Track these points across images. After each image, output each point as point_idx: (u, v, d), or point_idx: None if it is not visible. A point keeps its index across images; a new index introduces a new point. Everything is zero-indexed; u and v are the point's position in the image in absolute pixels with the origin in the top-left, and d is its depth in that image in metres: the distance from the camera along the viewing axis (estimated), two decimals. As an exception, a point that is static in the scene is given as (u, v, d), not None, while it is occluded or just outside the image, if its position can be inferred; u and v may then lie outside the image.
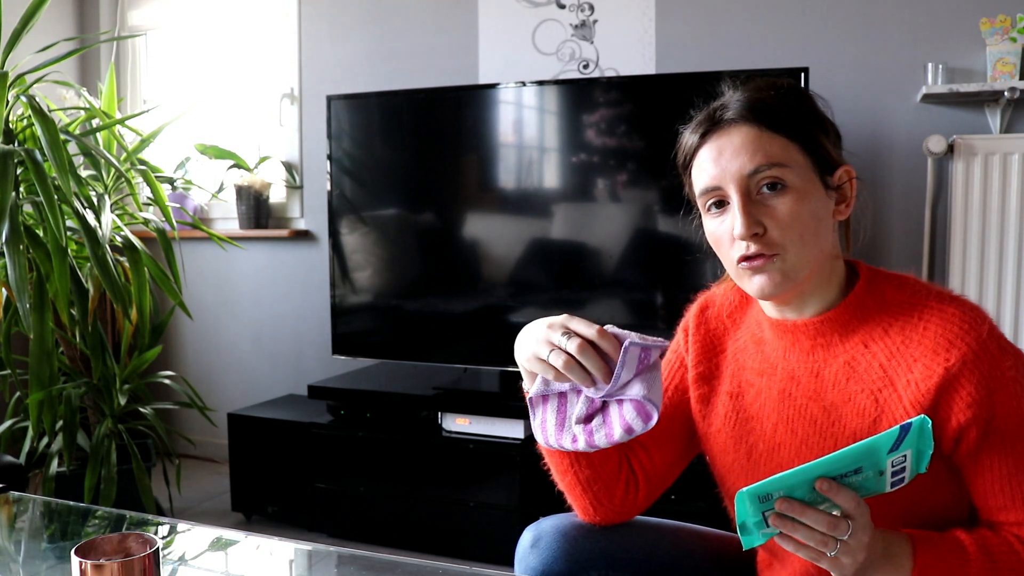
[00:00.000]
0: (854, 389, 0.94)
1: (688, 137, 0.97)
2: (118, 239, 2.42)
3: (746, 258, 0.91)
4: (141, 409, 2.62)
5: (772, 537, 0.82)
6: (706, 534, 1.22)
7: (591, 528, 1.16)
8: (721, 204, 0.93)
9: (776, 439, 1.00)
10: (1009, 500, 0.89)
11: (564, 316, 0.97)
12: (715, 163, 0.92)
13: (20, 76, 2.33)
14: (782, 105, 0.92)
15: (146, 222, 2.66)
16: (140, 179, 2.59)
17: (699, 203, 0.97)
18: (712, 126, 0.93)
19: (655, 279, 2.29)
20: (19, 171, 2.23)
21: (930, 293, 0.93)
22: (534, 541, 1.18)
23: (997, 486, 0.89)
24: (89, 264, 2.31)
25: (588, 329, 0.92)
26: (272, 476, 2.63)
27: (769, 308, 1.00)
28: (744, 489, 0.78)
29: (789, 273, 0.91)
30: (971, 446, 0.89)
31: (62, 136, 2.12)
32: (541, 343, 0.97)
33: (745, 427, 1.03)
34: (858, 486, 0.80)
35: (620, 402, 0.89)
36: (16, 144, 2.28)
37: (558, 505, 1.49)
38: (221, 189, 3.26)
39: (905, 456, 0.80)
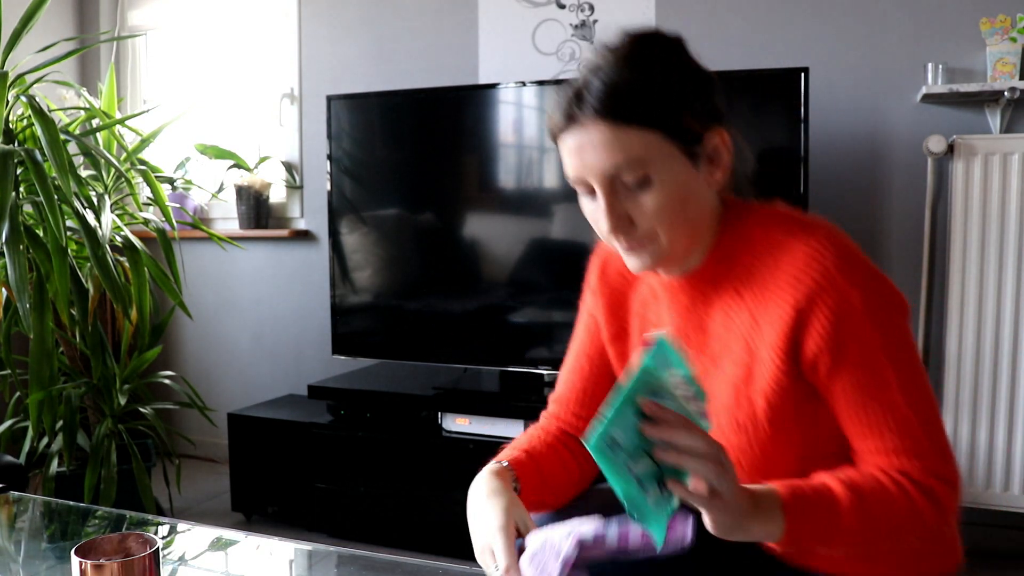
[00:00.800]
0: (731, 339, 0.95)
1: (553, 113, 0.95)
2: (118, 239, 2.42)
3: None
4: (141, 409, 2.62)
5: (671, 506, 0.79)
6: None
7: None
8: (593, 190, 0.93)
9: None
10: (866, 427, 0.89)
11: (492, 536, 0.96)
12: (577, 158, 0.91)
13: (20, 76, 2.33)
14: (639, 90, 0.88)
15: (146, 222, 2.66)
16: (140, 179, 2.59)
17: (570, 181, 0.97)
18: (570, 120, 0.91)
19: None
20: (19, 171, 2.23)
21: (787, 227, 0.93)
22: None
23: (853, 413, 0.89)
24: (89, 264, 2.31)
25: (505, 560, 0.91)
26: (272, 476, 2.63)
27: None
28: (589, 444, 0.73)
29: (663, 254, 0.93)
30: (825, 376, 0.89)
31: (62, 136, 2.12)
32: (480, 554, 0.99)
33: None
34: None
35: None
36: (16, 144, 2.28)
37: (558, 505, 1.48)
38: (221, 189, 3.26)
39: (684, 381, 0.77)
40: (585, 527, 0.86)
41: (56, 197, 2.07)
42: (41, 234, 2.21)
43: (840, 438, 0.93)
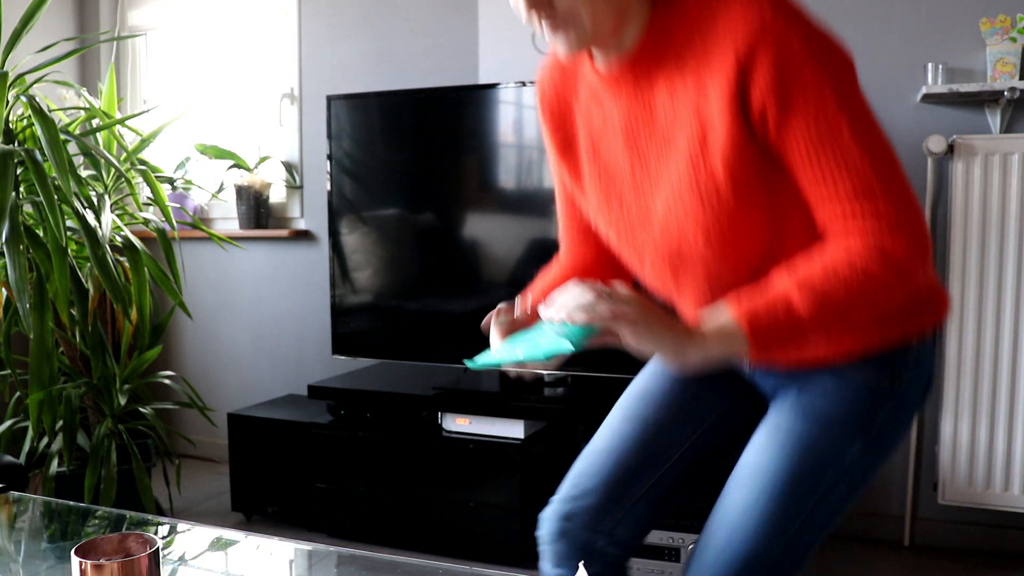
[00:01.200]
0: (681, 112, 0.94)
1: None
2: (118, 239, 2.42)
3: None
4: (141, 409, 2.62)
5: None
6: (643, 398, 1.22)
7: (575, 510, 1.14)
8: None
9: (636, 182, 1.01)
10: (819, 178, 0.87)
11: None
12: None
13: (20, 76, 2.33)
14: None
15: (146, 222, 2.66)
16: (140, 179, 2.59)
17: None
18: None
19: (655, 279, 2.29)
20: (19, 171, 2.23)
21: None
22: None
23: (807, 166, 0.88)
24: (89, 264, 2.31)
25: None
26: (272, 476, 2.63)
27: (596, 60, 1.01)
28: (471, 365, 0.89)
29: (588, 34, 0.92)
30: (775, 129, 0.88)
31: (62, 136, 2.12)
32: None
33: (610, 181, 1.05)
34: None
35: None
36: (16, 144, 2.28)
37: (558, 505, 1.48)
38: (221, 189, 3.26)
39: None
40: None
41: (56, 197, 2.07)
42: (41, 234, 2.21)
43: (806, 216, 0.93)
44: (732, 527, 1.02)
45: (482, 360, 0.93)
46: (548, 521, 1.15)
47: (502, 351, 0.92)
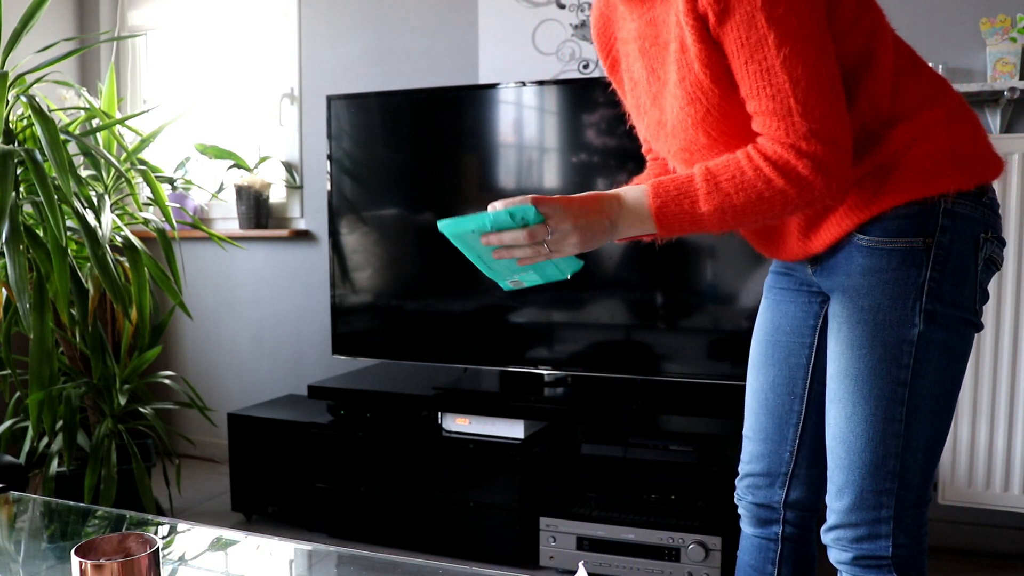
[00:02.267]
0: (668, 20, 1.04)
1: None
2: (118, 239, 2.42)
3: None
4: (141, 409, 2.62)
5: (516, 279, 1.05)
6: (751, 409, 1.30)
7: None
8: None
9: (651, 90, 1.12)
10: (749, 89, 0.95)
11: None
12: None
13: (20, 76, 2.33)
14: None
15: (146, 222, 2.66)
16: (140, 179, 2.59)
17: None
18: None
19: (655, 279, 2.29)
20: (19, 171, 2.23)
21: None
22: None
23: (740, 76, 0.95)
24: (89, 264, 2.31)
25: None
26: (272, 476, 2.63)
27: None
28: (441, 227, 0.97)
29: None
30: (716, 37, 0.96)
31: (62, 136, 2.12)
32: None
33: (634, 89, 1.16)
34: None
35: None
36: (16, 144, 2.28)
37: (558, 505, 1.50)
38: (221, 189, 3.26)
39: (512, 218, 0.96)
40: None
41: (56, 197, 2.07)
42: (41, 234, 2.21)
43: None
44: (846, 442, 1.05)
45: (453, 227, 0.99)
46: (737, 485, 1.30)
47: (480, 221, 0.97)
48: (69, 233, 2.27)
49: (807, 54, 0.91)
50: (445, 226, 0.98)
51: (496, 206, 0.95)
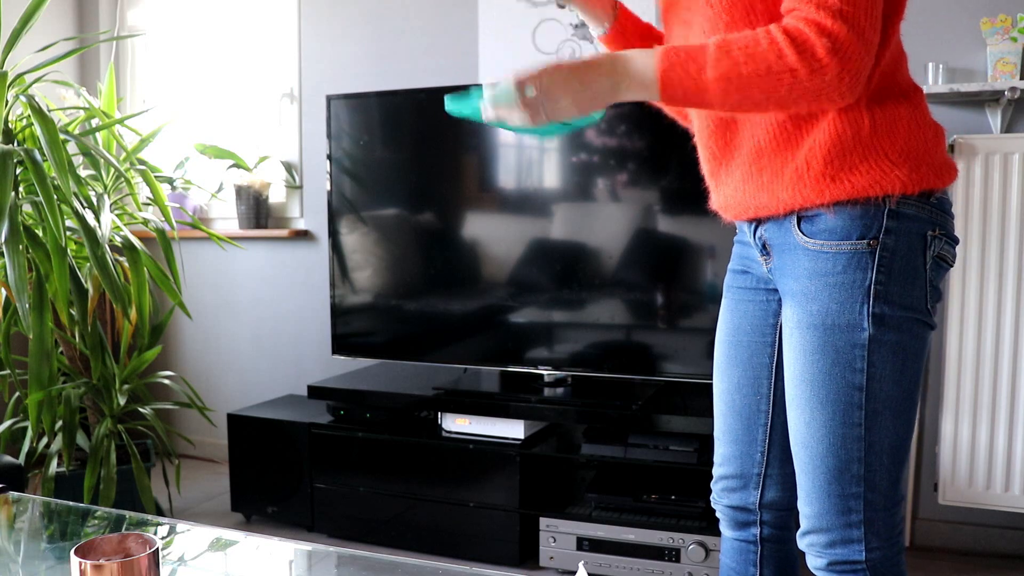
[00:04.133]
0: None
1: None
2: (117, 239, 2.42)
3: None
4: (141, 409, 2.62)
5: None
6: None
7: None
8: None
9: (680, 17, 1.13)
10: None
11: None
12: None
13: (19, 76, 2.32)
14: None
15: (145, 222, 2.66)
16: (139, 179, 2.59)
17: None
18: None
19: (655, 279, 2.29)
20: (19, 171, 2.22)
21: None
22: None
23: None
24: (89, 264, 2.31)
25: None
26: (272, 476, 2.63)
27: None
28: (447, 108, 1.00)
29: None
30: None
31: (61, 136, 2.12)
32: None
33: (670, 14, 1.18)
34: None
35: None
36: (15, 144, 2.28)
37: (558, 505, 1.49)
38: (220, 189, 3.26)
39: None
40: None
41: (55, 197, 2.07)
42: (40, 234, 2.20)
43: None
44: (808, 447, 1.04)
45: (455, 109, 1.01)
46: (712, 489, 1.29)
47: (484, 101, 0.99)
48: (68, 233, 2.27)
49: None
50: (449, 108, 1.00)
51: (486, 85, 0.97)
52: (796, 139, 1.02)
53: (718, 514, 1.29)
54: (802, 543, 1.08)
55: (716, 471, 1.27)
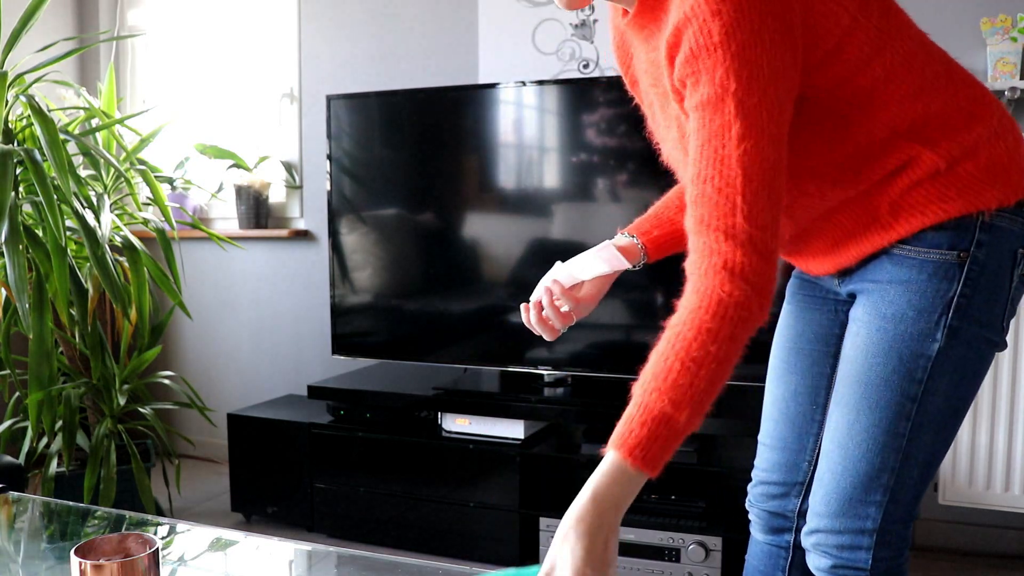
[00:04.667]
0: (664, 67, 0.98)
1: None
2: (117, 239, 2.42)
3: None
4: (141, 409, 2.62)
5: None
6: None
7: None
8: None
9: (657, 120, 1.10)
10: (697, 174, 0.86)
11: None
12: None
13: (19, 76, 2.32)
14: None
15: (145, 222, 2.66)
16: (139, 179, 2.59)
17: None
18: None
19: (655, 279, 2.29)
20: (19, 171, 2.22)
21: None
22: None
23: (694, 158, 0.87)
24: (89, 264, 2.31)
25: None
26: (272, 476, 2.63)
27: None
28: None
29: None
30: (683, 109, 0.92)
31: (61, 136, 2.12)
32: None
33: (651, 108, 1.13)
34: None
35: None
36: (15, 144, 2.28)
37: (558, 505, 1.49)
38: (220, 189, 3.26)
39: None
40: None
41: (55, 197, 2.07)
42: (40, 234, 2.20)
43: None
44: (844, 448, 1.02)
45: None
46: (749, 492, 1.27)
47: None
48: (68, 233, 2.27)
49: (767, 154, 0.84)
50: None
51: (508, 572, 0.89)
52: (876, 212, 1.00)
53: (752, 516, 1.27)
54: (808, 541, 1.07)
55: (757, 475, 1.25)
